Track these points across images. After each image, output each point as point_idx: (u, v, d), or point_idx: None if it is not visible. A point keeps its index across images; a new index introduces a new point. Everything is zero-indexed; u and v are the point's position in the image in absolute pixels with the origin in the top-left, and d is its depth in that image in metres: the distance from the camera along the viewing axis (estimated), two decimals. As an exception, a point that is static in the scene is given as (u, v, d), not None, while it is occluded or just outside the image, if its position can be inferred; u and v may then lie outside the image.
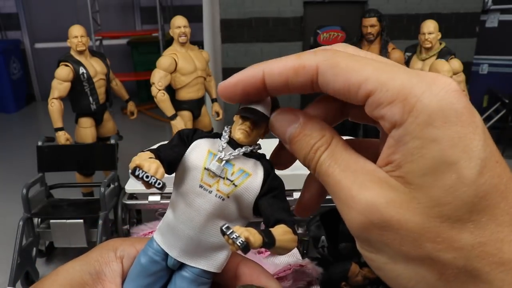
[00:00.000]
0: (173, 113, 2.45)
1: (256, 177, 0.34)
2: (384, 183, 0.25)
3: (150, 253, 0.36)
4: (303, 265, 1.52)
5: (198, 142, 0.35)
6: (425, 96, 0.24)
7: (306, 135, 0.29)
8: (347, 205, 0.26)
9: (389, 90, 0.24)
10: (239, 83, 0.30)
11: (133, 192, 2.06)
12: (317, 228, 1.81)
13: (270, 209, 0.33)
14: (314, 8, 3.42)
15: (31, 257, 2.11)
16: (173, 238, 0.35)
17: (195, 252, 0.35)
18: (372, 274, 1.74)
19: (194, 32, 2.65)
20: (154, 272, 0.36)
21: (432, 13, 3.32)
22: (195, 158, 0.34)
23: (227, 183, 0.33)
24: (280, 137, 0.31)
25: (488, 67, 3.86)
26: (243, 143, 0.34)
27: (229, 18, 3.32)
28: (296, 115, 0.30)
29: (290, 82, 0.28)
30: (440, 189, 0.24)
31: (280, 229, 0.31)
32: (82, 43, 2.49)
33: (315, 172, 0.29)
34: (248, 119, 0.34)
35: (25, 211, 2.06)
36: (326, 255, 1.78)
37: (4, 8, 5.53)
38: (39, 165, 2.26)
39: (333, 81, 0.26)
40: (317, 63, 0.27)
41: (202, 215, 0.34)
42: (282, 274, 1.44)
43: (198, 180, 0.33)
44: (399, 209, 0.25)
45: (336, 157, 0.28)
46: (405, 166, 0.25)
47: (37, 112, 5.47)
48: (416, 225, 0.24)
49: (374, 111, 0.25)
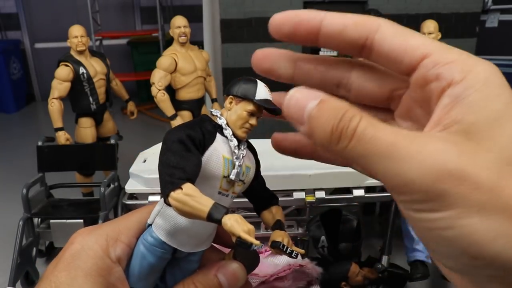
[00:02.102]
0: (173, 113, 2.45)
1: (253, 164, 0.37)
2: (446, 139, 0.24)
3: (160, 254, 0.35)
4: (303, 265, 1.53)
5: (212, 149, 0.34)
6: (480, 63, 0.26)
7: (331, 108, 0.26)
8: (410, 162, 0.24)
9: (448, 53, 0.26)
10: (296, 17, 0.30)
11: (133, 192, 2.06)
12: (317, 228, 1.81)
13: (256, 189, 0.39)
14: (314, 8, 3.42)
15: (31, 257, 2.11)
16: (188, 238, 0.36)
17: (204, 242, 0.37)
18: (372, 274, 1.74)
19: (194, 32, 2.65)
20: (162, 267, 0.37)
21: (432, 13, 3.32)
22: (214, 167, 0.34)
23: (240, 184, 0.36)
24: (296, 118, 0.27)
25: (488, 67, 3.86)
26: (244, 139, 0.36)
27: (229, 18, 3.31)
28: (316, 93, 0.27)
29: (345, 32, 0.29)
30: (506, 138, 0.24)
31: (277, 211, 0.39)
32: (82, 43, 2.49)
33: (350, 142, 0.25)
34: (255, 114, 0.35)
35: (25, 211, 2.06)
36: (326, 255, 1.78)
37: (4, 8, 5.53)
38: (39, 165, 2.26)
39: (392, 39, 0.27)
40: (380, 22, 0.28)
41: None
42: (282, 274, 1.44)
43: (217, 188, 0.34)
44: (472, 158, 0.24)
45: (376, 124, 0.25)
46: (468, 118, 0.24)
47: (37, 112, 5.47)
48: (492, 173, 0.23)
49: (429, 71, 0.26)
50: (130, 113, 2.94)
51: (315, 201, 1.82)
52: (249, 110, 0.34)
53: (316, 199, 1.82)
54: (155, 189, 1.83)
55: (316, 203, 1.83)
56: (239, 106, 0.34)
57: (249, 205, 0.39)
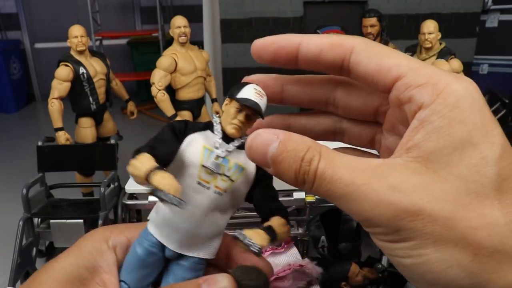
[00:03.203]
0: (173, 113, 2.45)
1: (250, 169, 0.35)
2: (404, 168, 0.25)
3: (147, 246, 0.36)
4: (303, 265, 1.53)
5: (192, 137, 0.35)
6: (454, 83, 0.25)
7: (291, 151, 0.27)
8: (368, 201, 0.25)
9: (420, 75, 0.26)
10: (274, 43, 0.31)
11: (133, 192, 2.06)
12: (317, 228, 1.81)
13: (263, 199, 0.35)
14: (314, 8, 3.42)
15: (31, 257, 2.11)
16: (171, 232, 0.35)
17: (193, 243, 0.36)
18: (372, 274, 1.74)
19: (194, 32, 2.65)
20: (151, 263, 0.36)
21: (432, 13, 3.32)
22: (191, 154, 0.34)
23: (225, 179, 0.34)
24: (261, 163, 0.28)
25: (488, 67, 3.86)
26: (235, 137, 0.35)
27: (229, 18, 3.31)
28: (273, 134, 0.28)
29: (323, 55, 0.29)
30: (466, 167, 0.24)
31: (277, 222, 0.34)
32: (82, 43, 2.49)
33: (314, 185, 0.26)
34: (243, 111, 0.34)
35: (25, 211, 2.06)
36: (326, 255, 1.78)
37: (4, 8, 5.53)
38: (39, 165, 2.26)
39: (366, 61, 0.28)
40: (354, 43, 0.28)
41: (202, 211, 0.34)
42: (282, 274, 1.45)
43: (196, 177, 0.34)
44: (428, 191, 0.24)
45: (335, 163, 0.26)
46: (429, 145, 0.25)
47: (37, 112, 5.47)
48: (448, 204, 0.24)
49: (402, 94, 0.26)
50: (130, 113, 2.94)
51: (315, 201, 1.82)
52: (235, 107, 0.34)
53: (316, 199, 1.82)
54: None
55: (316, 203, 1.83)
56: (229, 105, 0.35)
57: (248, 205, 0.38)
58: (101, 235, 0.37)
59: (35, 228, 2.14)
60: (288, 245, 1.77)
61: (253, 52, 0.32)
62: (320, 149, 0.27)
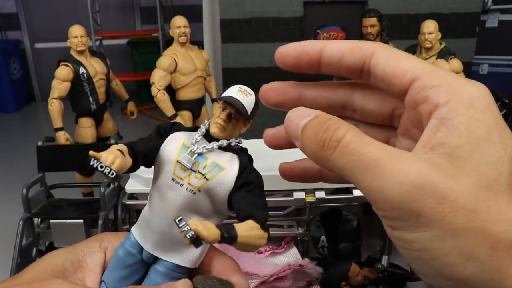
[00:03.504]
0: (173, 113, 2.45)
1: (230, 171, 0.33)
2: (430, 161, 0.25)
3: (127, 246, 0.36)
4: (303, 265, 1.53)
5: (174, 135, 0.35)
6: (468, 85, 0.26)
7: (321, 122, 0.28)
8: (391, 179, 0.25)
9: (435, 77, 0.27)
10: (297, 49, 0.32)
11: (133, 192, 2.06)
12: (317, 228, 1.81)
13: (241, 204, 0.33)
14: (314, 8, 3.42)
15: (31, 257, 2.11)
16: (147, 232, 0.35)
17: (168, 246, 0.35)
18: (372, 274, 1.74)
19: (194, 32, 2.65)
20: (130, 265, 0.36)
21: (432, 13, 3.32)
22: (169, 151, 0.34)
23: (199, 177, 0.33)
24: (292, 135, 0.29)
25: (488, 67, 3.86)
26: (218, 137, 0.34)
27: (229, 18, 3.31)
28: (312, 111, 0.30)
29: (344, 59, 0.30)
30: (486, 164, 0.25)
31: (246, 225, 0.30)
32: (82, 43, 2.49)
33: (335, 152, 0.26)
34: (226, 109, 0.34)
35: (25, 211, 2.06)
36: (326, 255, 1.78)
37: (4, 8, 5.53)
38: (39, 165, 2.26)
39: (385, 64, 0.29)
40: (375, 47, 0.30)
41: (174, 209, 0.33)
42: (282, 274, 1.45)
43: (171, 173, 0.33)
44: (453, 182, 0.24)
45: (363, 138, 0.26)
46: (451, 141, 0.25)
47: (37, 112, 5.46)
48: (470, 197, 0.24)
49: (418, 94, 0.27)
50: (130, 113, 2.94)
51: (315, 201, 1.82)
52: (219, 107, 0.35)
53: (316, 199, 1.82)
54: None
55: (316, 203, 1.83)
56: (216, 106, 0.36)
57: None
58: (99, 236, 0.38)
59: (35, 228, 2.14)
60: (288, 245, 1.77)
61: (277, 58, 0.32)
62: (349, 124, 0.28)
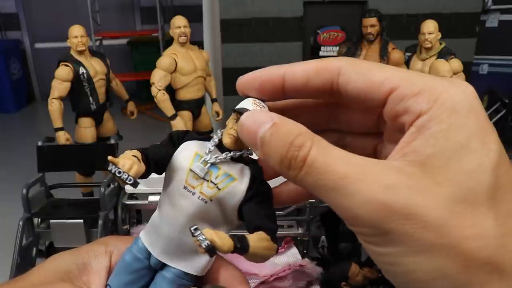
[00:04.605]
0: (173, 113, 2.45)
1: (242, 182, 0.34)
2: (401, 170, 0.24)
3: (134, 251, 0.36)
4: (303, 265, 1.52)
5: (187, 144, 0.35)
6: (450, 89, 0.25)
7: (282, 133, 0.26)
8: (358, 198, 0.24)
9: (414, 84, 0.25)
10: (258, 78, 0.30)
11: (133, 192, 2.06)
12: (317, 228, 1.81)
13: (251, 214, 0.33)
14: (314, 8, 3.42)
15: (31, 257, 2.10)
16: (156, 237, 0.36)
17: (176, 253, 0.35)
18: (372, 274, 1.74)
19: (194, 32, 2.65)
20: (136, 270, 0.36)
21: (432, 13, 3.32)
22: (182, 159, 0.34)
23: (211, 186, 0.33)
24: (251, 143, 0.28)
25: (488, 67, 3.86)
26: (231, 148, 0.34)
27: (229, 18, 3.32)
28: (268, 116, 0.27)
29: (310, 82, 0.28)
30: (462, 173, 0.23)
31: (257, 236, 0.31)
32: (82, 43, 2.49)
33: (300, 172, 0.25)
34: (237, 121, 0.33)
35: (25, 211, 2.06)
36: (326, 255, 1.78)
37: (4, 8, 5.53)
38: (39, 165, 2.26)
39: (355, 80, 0.27)
40: (340, 63, 0.28)
41: (184, 216, 0.34)
42: (282, 274, 1.44)
43: (183, 181, 0.34)
44: (423, 195, 0.23)
45: (329, 153, 0.25)
46: (426, 149, 0.24)
47: (37, 112, 5.47)
48: (442, 211, 0.23)
49: (398, 105, 0.25)
50: (130, 113, 2.94)
51: (315, 201, 1.82)
52: (233, 118, 0.34)
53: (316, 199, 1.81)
54: (155, 189, 1.83)
55: (316, 203, 1.83)
56: (230, 118, 0.35)
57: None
58: (104, 239, 0.38)
59: (35, 228, 2.14)
60: (288, 245, 1.77)
61: (238, 89, 0.31)
62: (313, 137, 0.26)
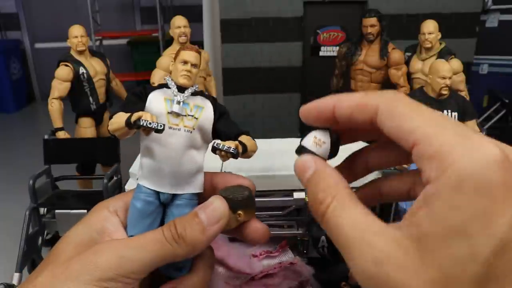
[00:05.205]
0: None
1: (207, 108, 0.42)
2: (395, 243, 0.25)
3: (143, 197, 0.40)
4: (294, 263, 1.52)
5: (152, 95, 0.41)
6: (464, 159, 0.23)
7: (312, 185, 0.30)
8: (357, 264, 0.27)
9: (432, 145, 0.25)
10: (315, 108, 0.33)
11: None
12: (318, 228, 1.81)
13: (227, 127, 0.42)
14: (314, 8, 3.42)
15: (37, 245, 2.17)
16: (160, 178, 0.40)
17: (181, 181, 0.41)
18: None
19: (194, 32, 2.65)
20: (151, 212, 0.41)
21: (432, 13, 3.31)
22: (156, 107, 0.40)
23: (189, 118, 0.40)
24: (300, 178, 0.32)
25: (488, 67, 3.86)
26: (187, 86, 0.41)
27: (229, 18, 3.31)
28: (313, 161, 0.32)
29: (353, 116, 0.30)
30: (449, 259, 0.23)
31: (244, 138, 0.41)
32: (82, 43, 2.49)
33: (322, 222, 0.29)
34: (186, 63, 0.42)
35: (31, 201, 2.13)
36: (326, 255, 1.78)
37: (4, 8, 5.53)
38: (45, 158, 2.34)
39: (389, 124, 0.28)
40: (378, 103, 0.28)
41: (178, 150, 0.40)
42: (271, 271, 1.44)
43: (166, 124, 0.39)
44: (408, 274, 0.24)
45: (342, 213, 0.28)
46: (426, 226, 0.24)
47: (37, 112, 5.47)
48: None
49: (417, 162, 0.26)
50: (130, 113, 2.94)
51: (315, 201, 1.81)
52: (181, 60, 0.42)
53: (316, 199, 1.81)
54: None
55: (316, 203, 1.82)
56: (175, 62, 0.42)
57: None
58: (100, 206, 0.41)
59: (41, 217, 2.19)
60: (283, 249, 1.76)
61: (302, 117, 0.34)
62: (336, 193, 0.29)
